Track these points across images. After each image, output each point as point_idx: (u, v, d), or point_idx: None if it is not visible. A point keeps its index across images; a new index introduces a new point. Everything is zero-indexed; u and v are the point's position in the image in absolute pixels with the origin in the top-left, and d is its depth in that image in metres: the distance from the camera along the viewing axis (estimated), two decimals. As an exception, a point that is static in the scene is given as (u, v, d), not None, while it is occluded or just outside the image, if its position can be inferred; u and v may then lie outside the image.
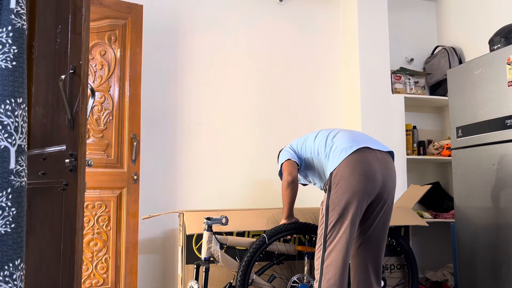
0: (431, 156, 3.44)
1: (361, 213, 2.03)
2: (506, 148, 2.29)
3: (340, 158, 2.04)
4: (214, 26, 3.33)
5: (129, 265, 2.72)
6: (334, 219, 1.98)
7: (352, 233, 2.00)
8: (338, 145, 2.10)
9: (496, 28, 2.68)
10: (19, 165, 1.19)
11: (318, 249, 2.03)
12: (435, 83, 3.62)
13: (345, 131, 2.21)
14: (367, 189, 2.00)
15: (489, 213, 2.39)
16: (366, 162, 2.02)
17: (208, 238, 2.23)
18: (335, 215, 1.98)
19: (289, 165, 2.30)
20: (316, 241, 2.07)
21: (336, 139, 2.14)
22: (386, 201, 2.10)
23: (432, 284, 3.14)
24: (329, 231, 1.99)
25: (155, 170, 3.07)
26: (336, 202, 1.99)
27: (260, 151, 3.32)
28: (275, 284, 2.44)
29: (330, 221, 1.99)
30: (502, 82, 2.32)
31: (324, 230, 2.00)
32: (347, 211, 1.97)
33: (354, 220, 2.00)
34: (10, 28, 1.19)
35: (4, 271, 1.12)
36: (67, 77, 1.64)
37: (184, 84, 3.22)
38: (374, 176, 2.01)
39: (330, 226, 1.99)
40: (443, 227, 3.49)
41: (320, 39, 3.59)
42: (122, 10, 2.84)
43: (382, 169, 2.05)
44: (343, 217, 1.98)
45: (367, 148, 2.06)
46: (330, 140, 2.17)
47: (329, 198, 2.01)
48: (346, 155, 2.02)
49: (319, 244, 2.03)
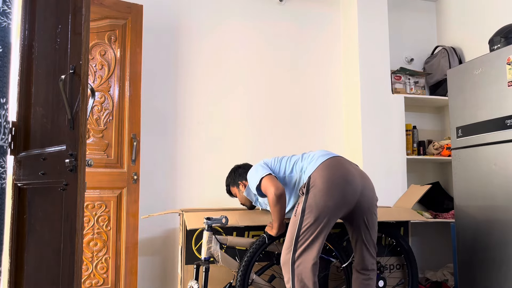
0: (431, 156, 3.44)
1: (338, 217, 2.07)
2: (506, 148, 2.29)
3: (317, 162, 2.10)
4: (214, 26, 3.33)
5: (129, 265, 2.72)
6: (309, 222, 1.99)
7: (325, 237, 2.03)
8: (314, 154, 2.20)
9: (496, 28, 2.68)
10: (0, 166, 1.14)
11: (287, 250, 2.04)
12: (435, 83, 3.62)
13: (316, 151, 2.30)
14: (346, 193, 2.04)
15: (489, 213, 2.39)
16: (344, 167, 2.08)
17: (208, 238, 2.23)
18: (311, 217, 1.99)
19: (272, 179, 2.16)
20: (284, 242, 2.08)
21: (312, 153, 2.24)
22: (368, 208, 2.14)
23: (432, 284, 3.14)
24: (302, 232, 2.00)
25: (155, 170, 3.07)
26: (313, 205, 2.00)
27: (260, 151, 3.32)
28: (275, 284, 2.44)
29: (305, 223, 2.00)
30: (502, 82, 2.32)
31: (297, 231, 2.01)
32: (323, 215, 1.99)
33: (330, 224, 2.03)
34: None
35: None
36: (67, 77, 1.64)
37: (184, 84, 3.22)
38: (353, 179, 2.07)
39: (304, 228, 2.00)
40: (443, 227, 3.49)
41: (320, 39, 3.59)
42: (122, 10, 2.84)
43: (359, 176, 2.12)
44: (319, 220, 1.99)
45: (342, 157, 2.18)
46: (306, 154, 2.26)
47: (306, 201, 2.02)
48: (324, 159, 2.10)
49: (288, 246, 2.04)
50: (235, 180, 2.51)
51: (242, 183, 2.48)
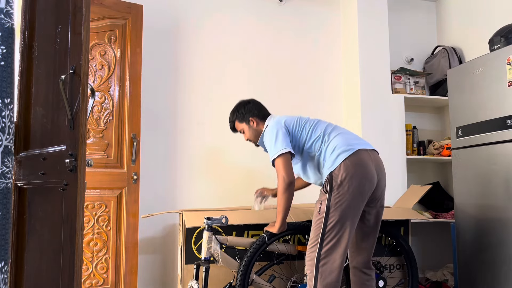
0: (431, 156, 3.44)
1: (360, 214, 2.06)
2: (506, 148, 2.29)
3: (339, 159, 2.04)
4: (214, 26, 3.33)
5: (129, 265, 2.72)
6: (334, 220, 1.98)
7: (351, 235, 2.02)
8: (335, 145, 2.09)
9: (496, 28, 2.68)
10: (5, 166, 1.15)
11: (312, 247, 2.02)
12: (435, 83, 3.62)
13: (337, 130, 2.20)
14: (367, 191, 2.04)
15: (489, 213, 2.39)
16: (365, 165, 2.05)
17: (208, 238, 2.23)
18: (336, 216, 1.98)
19: (287, 163, 2.08)
20: (309, 239, 2.06)
21: (332, 139, 2.13)
22: (379, 199, 2.15)
23: (432, 284, 3.14)
24: (327, 230, 1.99)
25: (155, 170, 3.07)
26: (338, 203, 1.99)
27: (260, 151, 3.32)
28: (275, 284, 2.44)
29: (330, 221, 1.99)
30: (502, 82, 2.31)
31: (323, 229, 2.00)
32: (348, 213, 1.98)
33: (355, 222, 2.02)
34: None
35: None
36: (67, 77, 1.63)
37: (184, 84, 3.22)
38: (372, 177, 2.06)
39: (330, 226, 1.98)
40: (443, 227, 3.49)
41: (320, 39, 3.59)
42: (122, 10, 2.84)
43: (376, 169, 2.10)
44: (344, 218, 1.98)
45: (362, 149, 2.08)
46: (326, 137, 2.15)
47: (330, 199, 2.00)
48: (345, 156, 2.04)
49: (313, 242, 2.02)
50: (244, 115, 2.38)
51: (253, 120, 2.37)
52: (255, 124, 2.38)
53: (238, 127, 2.45)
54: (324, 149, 2.13)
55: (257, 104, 2.43)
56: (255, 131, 2.38)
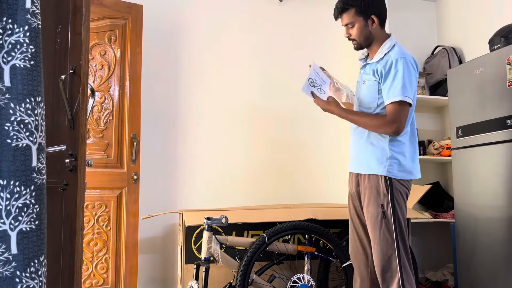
0: (431, 156, 3.44)
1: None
2: (506, 148, 2.29)
3: (407, 175, 1.99)
4: (214, 26, 3.33)
5: (129, 265, 2.72)
6: (397, 227, 1.93)
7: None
8: (407, 155, 2.03)
9: (496, 28, 2.68)
10: (40, 162, 1.20)
11: (389, 252, 1.90)
12: (435, 83, 3.62)
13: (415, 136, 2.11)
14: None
15: (489, 213, 2.39)
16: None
17: (208, 238, 2.23)
18: (399, 225, 1.93)
19: (407, 116, 1.89)
20: (379, 242, 1.93)
21: (414, 142, 2.09)
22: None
23: (432, 284, 3.14)
24: (396, 236, 1.92)
25: (155, 170, 3.07)
26: (400, 214, 1.94)
27: (260, 151, 3.32)
28: (275, 284, 2.44)
29: (395, 227, 1.93)
30: (502, 82, 2.31)
31: (395, 234, 1.92)
32: (404, 222, 1.96)
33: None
34: (26, 28, 1.20)
35: (31, 268, 1.14)
36: (67, 77, 1.64)
37: (184, 84, 3.22)
38: None
39: (398, 232, 1.92)
40: (443, 227, 3.49)
41: (320, 39, 3.59)
42: (122, 10, 2.84)
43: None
44: (402, 227, 1.95)
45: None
46: (412, 132, 2.07)
47: (394, 209, 1.93)
48: (411, 177, 2.02)
49: (389, 246, 1.91)
50: (368, 9, 1.99)
51: (375, 19, 2.01)
52: (374, 25, 2.01)
53: (348, 18, 2.05)
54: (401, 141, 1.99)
55: (385, 4, 2.05)
56: (369, 33, 2.03)
